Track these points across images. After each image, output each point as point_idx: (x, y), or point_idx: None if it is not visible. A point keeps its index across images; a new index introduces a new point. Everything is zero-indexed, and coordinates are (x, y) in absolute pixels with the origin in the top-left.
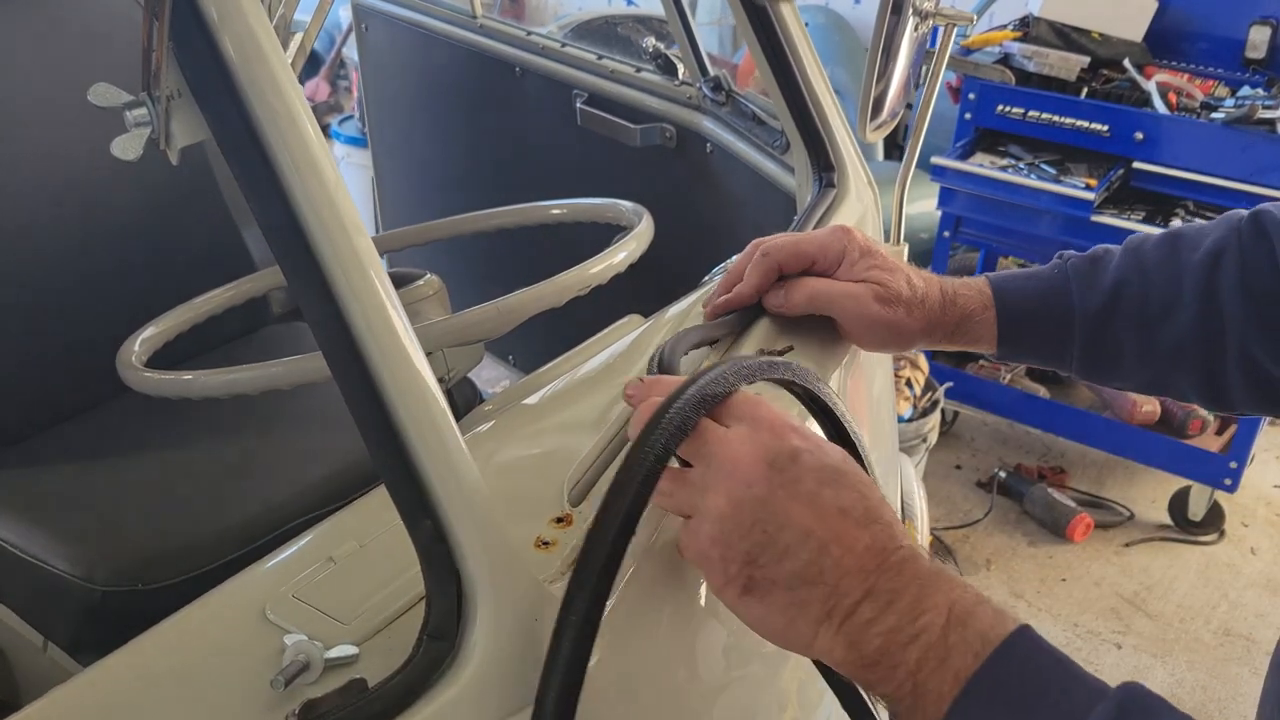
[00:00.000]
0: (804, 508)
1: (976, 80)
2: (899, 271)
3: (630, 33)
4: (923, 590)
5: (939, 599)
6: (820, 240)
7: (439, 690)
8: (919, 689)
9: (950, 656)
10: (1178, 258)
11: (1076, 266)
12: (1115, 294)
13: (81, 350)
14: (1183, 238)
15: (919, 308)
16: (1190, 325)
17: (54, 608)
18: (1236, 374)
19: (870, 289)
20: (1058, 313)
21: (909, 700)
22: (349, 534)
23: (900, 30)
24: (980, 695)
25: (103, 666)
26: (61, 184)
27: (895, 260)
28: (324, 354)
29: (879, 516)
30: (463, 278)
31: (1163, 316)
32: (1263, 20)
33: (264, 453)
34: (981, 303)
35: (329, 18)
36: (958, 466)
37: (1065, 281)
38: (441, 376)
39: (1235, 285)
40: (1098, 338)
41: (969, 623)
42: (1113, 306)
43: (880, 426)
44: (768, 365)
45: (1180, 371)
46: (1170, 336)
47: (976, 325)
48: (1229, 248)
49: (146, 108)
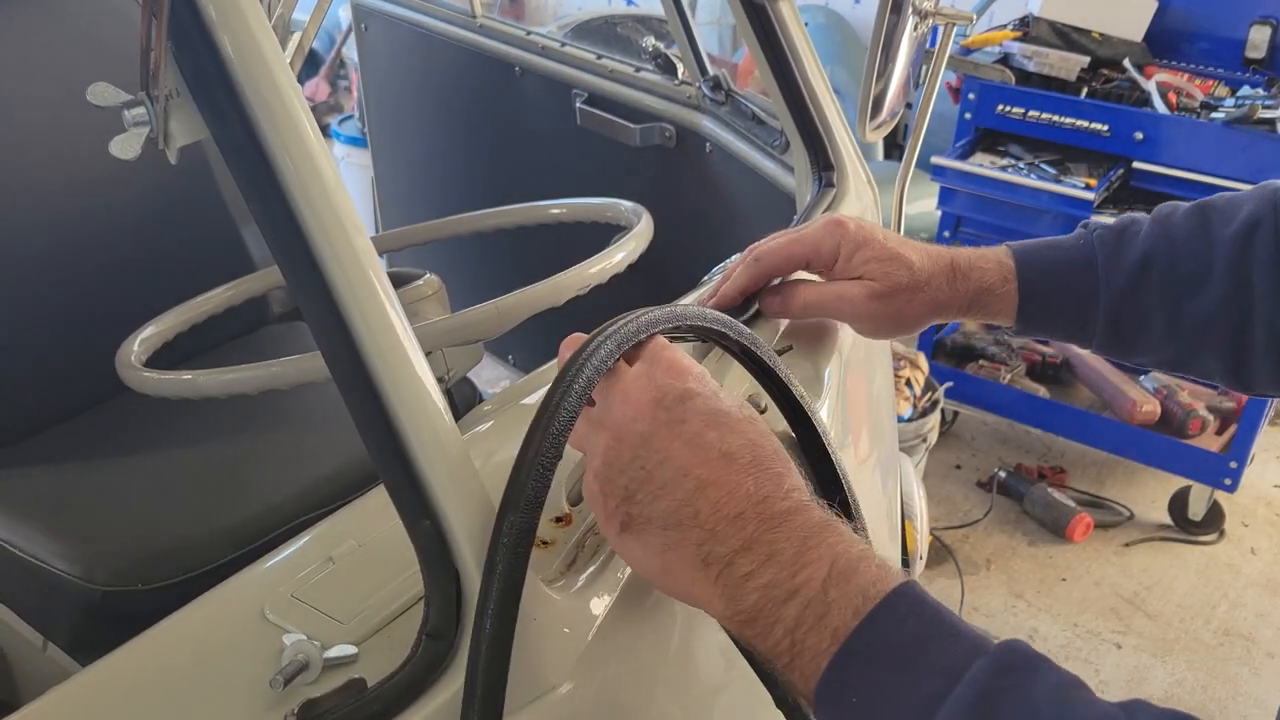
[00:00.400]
0: (685, 447)
1: (976, 80)
2: (896, 259)
3: (630, 32)
4: (805, 544)
5: (821, 553)
6: (813, 240)
7: (438, 690)
8: (797, 646)
9: (829, 613)
10: (1209, 230)
11: (1103, 239)
12: (1143, 268)
13: (80, 350)
14: (1215, 209)
15: (921, 292)
16: (1220, 301)
17: (53, 607)
18: (1264, 352)
19: (865, 286)
20: (1082, 287)
21: (787, 658)
22: (348, 534)
23: (900, 30)
24: (858, 652)
25: (102, 666)
26: (60, 183)
27: (894, 244)
28: (323, 354)
29: (767, 465)
30: (462, 277)
31: (1191, 291)
32: (1263, 20)
33: (263, 453)
34: (1001, 275)
35: (329, 17)
36: (958, 466)
37: (1091, 254)
38: (441, 376)
39: (1269, 260)
40: (1122, 313)
41: (850, 579)
42: (1140, 281)
43: (880, 426)
44: (696, 314)
45: (1206, 348)
46: (1198, 311)
47: (996, 299)
48: (1264, 221)
49: (145, 107)
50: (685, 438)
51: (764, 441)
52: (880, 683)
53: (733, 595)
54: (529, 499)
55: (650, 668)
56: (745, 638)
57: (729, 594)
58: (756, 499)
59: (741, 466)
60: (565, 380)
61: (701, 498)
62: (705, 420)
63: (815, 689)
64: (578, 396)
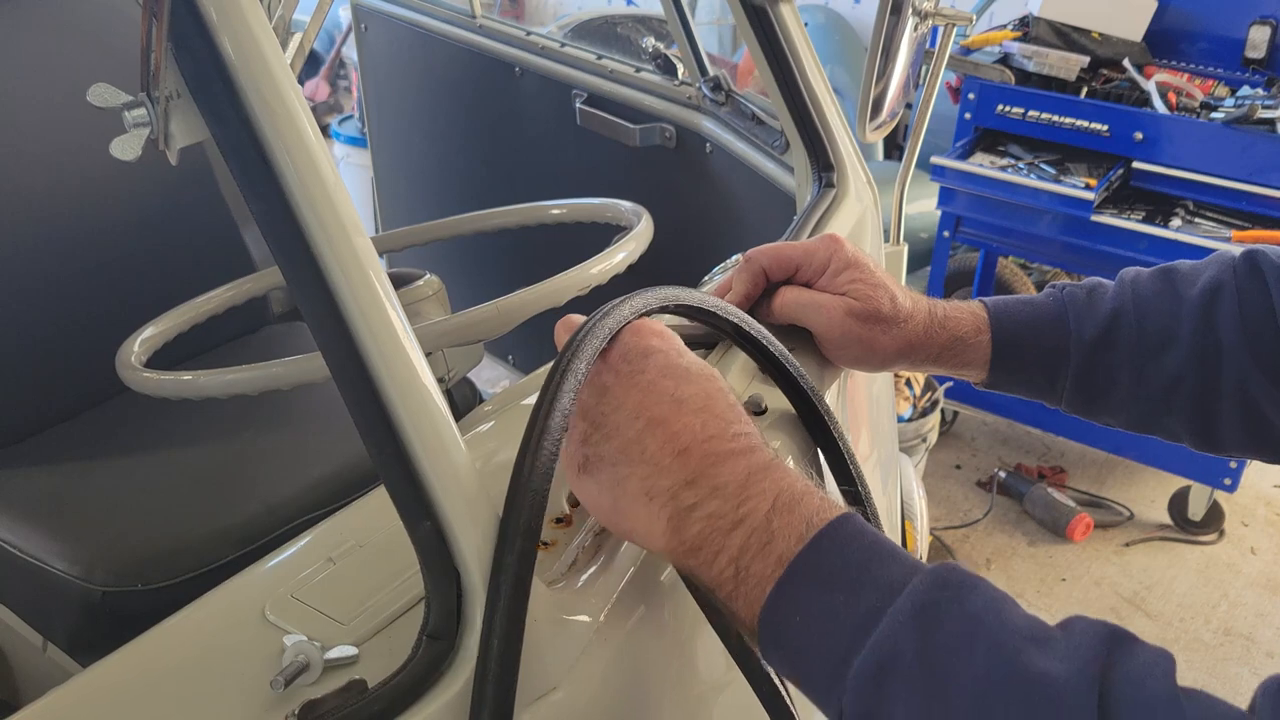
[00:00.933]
0: (639, 393)
1: (976, 80)
2: (882, 288)
3: (630, 32)
4: (750, 478)
5: (765, 486)
6: (807, 247)
7: (438, 691)
8: (742, 574)
9: (774, 541)
10: (1175, 291)
11: (1073, 295)
12: (1112, 323)
13: (80, 350)
14: (1178, 273)
15: (898, 328)
16: (1186, 360)
17: (54, 608)
18: (1231, 412)
19: (845, 303)
20: (1054, 340)
21: (731, 586)
22: (349, 534)
23: (900, 30)
24: (802, 574)
25: (102, 667)
26: (61, 184)
27: (883, 276)
28: (323, 354)
29: (718, 412)
30: (462, 278)
31: (1159, 350)
32: (1262, 20)
33: (264, 453)
34: (975, 326)
35: (329, 17)
36: (957, 466)
37: (1062, 309)
38: (441, 377)
39: (1233, 318)
40: (1091, 368)
41: (794, 509)
42: (1109, 337)
43: (880, 426)
44: (686, 295)
45: (1173, 410)
46: (1166, 371)
47: (969, 349)
48: (1225, 284)
49: (145, 108)
50: (641, 385)
51: (717, 394)
52: (822, 602)
53: (677, 526)
54: (542, 468)
55: (650, 668)
56: (689, 568)
57: (674, 525)
58: (702, 438)
59: (691, 410)
60: (560, 368)
61: (649, 436)
62: (662, 371)
63: (759, 613)
64: (575, 382)
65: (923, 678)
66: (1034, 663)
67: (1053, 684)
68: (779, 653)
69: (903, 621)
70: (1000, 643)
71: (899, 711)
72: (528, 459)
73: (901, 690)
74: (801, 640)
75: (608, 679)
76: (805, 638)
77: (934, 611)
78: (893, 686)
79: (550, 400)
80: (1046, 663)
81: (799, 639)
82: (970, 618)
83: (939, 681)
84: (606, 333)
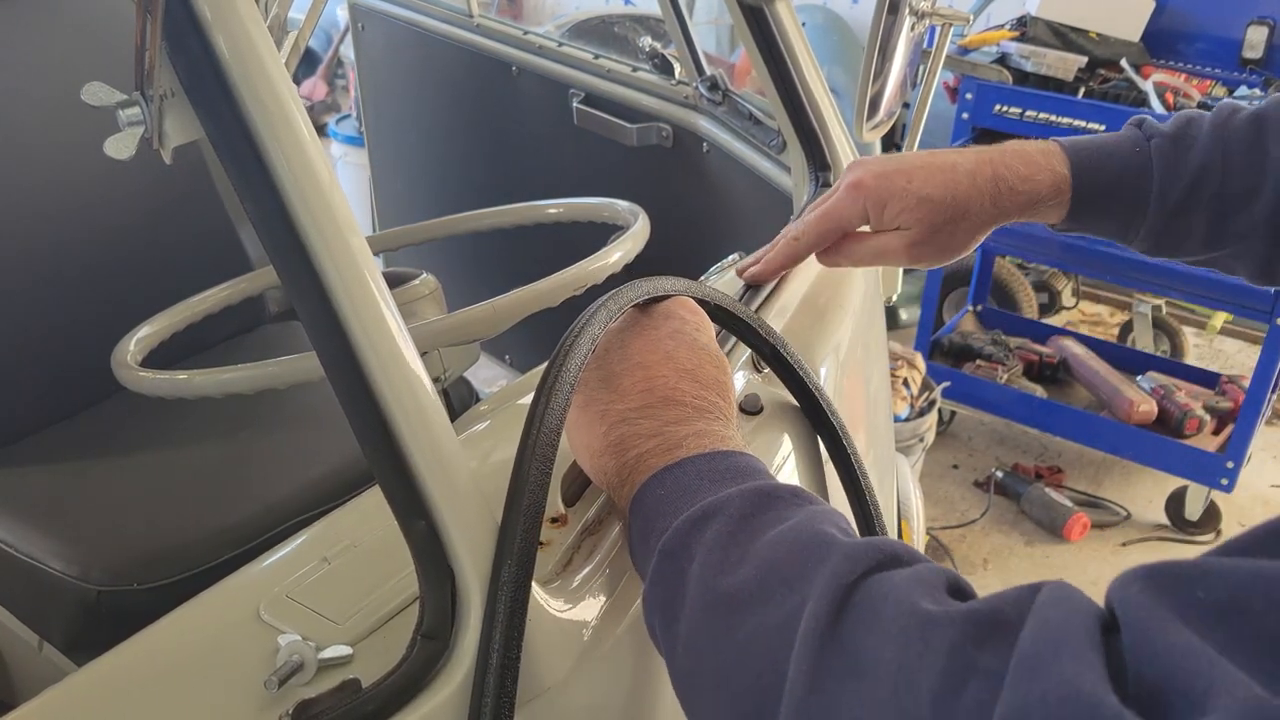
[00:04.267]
0: (642, 342)
1: (974, 80)
2: (926, 201)
3: (627, 32)
4: (693, 424)
5: (700, 426)
6: (839, 213)
7: (433, 690)
8: (640, 463)
9: (680, 447)
10: (1263, 146)
11: (1160, 148)
12: (1196, 182)
13: (76, 350)
14: (1269, 123)
15: (962, 221)
16: (1265, 215)
17: (49, 607)
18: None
19: (902, 236)
20: (1134, 199)
21: (627, 472)
22: (343, 534)
23: (897, 30)
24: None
25: (98, 666)
26: (56, 182)
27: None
28: (318, 354)
29: (702, 379)
30: (459, 277)
31: (1240, 205)
32: (1260, 20)
33: (259, 453)
34: (1055, 187)
35: (326, 16)
36: (955, 466)
37: (1147, 164)
38: (437, 376)
39: None
40: (1169, 223)
41: (712, 441)
42: (1192, 199)
43: (876, 426)
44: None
45: (1240, 256)
46: (1242, 224)
47: (1047, 210)
48: None
49: (140, 107)
50: (649, 338)
51: (711, 370)
52: (688, 484)
53: (607, 432)
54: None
55: (645, 667)
56: (599, 465)
57: (607, 434)
58: (672, 386)
59: (676, 368)
60: (556, 364)
61: (628, 375)
62: (671, 334)
63: (636, 488)
64: (574, 372)
65: (735, 526)
66: (832, 534)
67: (834, 542)
68: (635, 521)
69: (742, 495)
70: (815, 518)
71: (700, 548)
72: (528, 458)
73: (711, 535)
74: (653, 507)
75: (602, 677)
76: (658, 506)
77: (773, 498)
78: (706, 531)
79: (542, 411)
80: (844, 537)
81: (653, 506)
82: (803, 508)
83: (748, 532)
84: (590, 340)
